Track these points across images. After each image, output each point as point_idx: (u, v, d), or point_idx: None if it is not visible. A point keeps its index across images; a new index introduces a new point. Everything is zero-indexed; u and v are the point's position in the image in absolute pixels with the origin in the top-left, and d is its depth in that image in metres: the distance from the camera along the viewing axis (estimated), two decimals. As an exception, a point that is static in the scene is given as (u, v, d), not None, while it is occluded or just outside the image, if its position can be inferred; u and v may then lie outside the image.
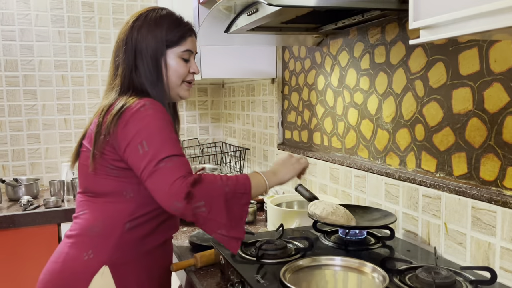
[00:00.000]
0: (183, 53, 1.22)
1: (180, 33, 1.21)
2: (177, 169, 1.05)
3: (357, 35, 1.58)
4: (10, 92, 2.71)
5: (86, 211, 1.18)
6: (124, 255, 1.16)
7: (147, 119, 1.09)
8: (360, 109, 1.58)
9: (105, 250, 1.14)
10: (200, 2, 2.06)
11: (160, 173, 1.04)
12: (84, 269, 1.13)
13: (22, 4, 2.70)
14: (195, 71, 1.27)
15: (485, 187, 1.10)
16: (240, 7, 1.39)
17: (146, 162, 1.06)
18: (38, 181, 2.62)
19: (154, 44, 1.19)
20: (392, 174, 1.40)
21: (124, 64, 1.19)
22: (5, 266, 2.25)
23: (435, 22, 0.73)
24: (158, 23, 1.20)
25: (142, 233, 1.17)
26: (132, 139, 1.08)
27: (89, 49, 2.86)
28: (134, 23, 1.20)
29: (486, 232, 1.09)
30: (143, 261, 1.19)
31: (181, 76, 1.23)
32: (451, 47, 1.18)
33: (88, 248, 1.15)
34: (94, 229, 1.15)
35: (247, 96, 2.65)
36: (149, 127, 1.08)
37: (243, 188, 1.11)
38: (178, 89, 1.24)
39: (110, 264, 1.14)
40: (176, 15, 1.25)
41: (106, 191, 1.16)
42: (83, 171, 1.19)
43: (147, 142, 1.07)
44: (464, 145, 1.15)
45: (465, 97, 1.14)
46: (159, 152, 1.06)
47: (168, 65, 1.21)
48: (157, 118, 1.10)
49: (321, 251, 1.23)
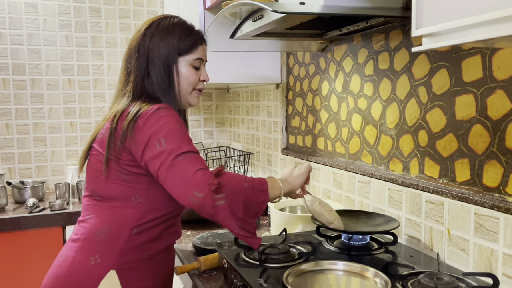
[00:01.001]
0: (194, 61, 1.24)
1: (192, 42, 1.24)
2: (196, 162, 1.07)
3: (361, 41, 1.59)
4: (18, 96, 2.74)
5: (92, 215, 1.18)
6: (131, 260, 1.16)
7: (164, 120, 1.12)
8: (364, 115, 1.59)
9: (112, 255, 1.14)
10: (206, 8, 2.08)
11: (179, 165, 1.06)
12: (91, 273, 1.13)
13: (31, 9, 2.74)
14: (205, 79, 1.29)
15: (488, 193, 1.11)
16: (245, 13, 1.40)
17: (165, 156, 1.07)
18: (44, 184, 2.64)
19: (166, 52, 1.21)
20: (396, 179, 1.40)
21: (137, 71, 1.21)
22: (10, 268, 2.27)
23: (437, 30, 0.74)
24: (170, 31, 1.22)
25: (148, 238, 1.18)
26: (150, 138, 1.10)
27: (96, 54, 2.89)
28: (147, 30, 1.22)
29: (488, 239, 1.09)
30: (148, 266, 1.19)
31: (192, 84, 1.25)
32: (454, 54, 1.19)
33: (95, 252, 1.14)
34: (101, 233, 1.15)
35: (251, 101, 2.67)
36: (166, 126, 1.11)
37: (261, 186, 1.13)
38: (188, 96, 1.26)
39: (117, 269, 1.14)
40: (188, 23, 1.27)
41: (114, 196, 1.16)
42: (92, 174, 1.20)
43: (165, 139, 1.09)
44: (467, 152, 1.16)
45: (468, 103, 1.15)
46: (178, 148, 1.08)
47: (180, 72, 1.23)
48: (173, 119, 1.13)
49: (324, 256, 1.24)
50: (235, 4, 1.30)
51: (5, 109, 2.72)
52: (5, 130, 2.73)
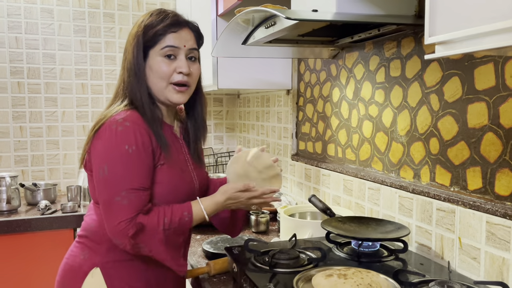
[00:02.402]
0: (164, 50, 1.14)
1: (157, 28, 1.14)
2: (127, 209, 1.09)
3: (372, 48, 1.59)
4: (32, 99, 2.79)
5: (91, 213, 1.25)
6: (116, 260, 1.19)
7: (116, 140, 1.09)
8: (375, 122, 1.59)
9: (97, 253, 1.19)
10: (218, 15, 2.10)
11: (111, 209, 1.10)
12: (80, 267, 1.20)
13: (46, 14, 2.79)
14: (182, 70, 1.15)
15: (500, 202, 1.10)
16: (258, 20, 1.42)
17: (103, 189, 1.11)
18: (56, 186, 2.67)
19: (134, 44, 1.15)
20: (406, 187, 1.40)
21: (121, 70, 1.22)
22: (22, 269, 2.29)
23: (450, 38, 0.75)
24: (142, 24, 1.16)
25: None
26: (97, 159, 1.12)
27: (109, 58, 2.93)
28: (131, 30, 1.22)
29: (500, 247, 1.09)
30: (135, 264, 1.19)
31: (164, 77, 1.15)
32: (466, 62, 1.19)
33: (85, 249, 1.21)
34: (90, 232, 1.22)
35: (262, 107, 2.68)
36: (114, 151, 1.09)
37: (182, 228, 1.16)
38: (163, 92, 1.17)
39: (101, 267, 1.18)
40: (166, 12, 1.18)
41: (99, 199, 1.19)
42: (88, 179, 1.25)
43: (108, 167, 1.10)
44: (479, 160, 1.16)
45: (481, 111, 1.15)
46: (117, 184, 1.09)
47: (150, 65, 1.15)
48: (126, 140, 1.09)
49: (334, 262, 1.24)
50: (248, 11, 1.31)
51: (19, 112, 2.77)
52: (19, 132, 2.77)
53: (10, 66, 2.73)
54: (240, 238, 1.67)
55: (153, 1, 2.99)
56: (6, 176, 2.37)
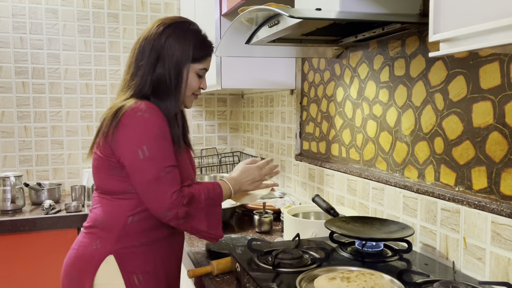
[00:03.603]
0: (200, 70, 1.32)
1: (204, 53, 1.31)
2: (174, 182, 1.20)
3: (377, 47, 1.59)
4: (37, 99, 2.80)
5: (97, 205, 1.30)
6: (128, 246, 1.24)
7: (149, 124, 1.19)
8: (379, 121, 1.58)
9: (109, 241, 1.24)
10: (222, 14, 2.10)
11: (160, 183, 1.18)
12: (92, 257, 1.24)
13: (51, 15, 2.80)
14: (203, 87, 1.38)
15: (505, 202, 1.09)
16: (261, 19, 1.41)
17: (147, 169, 1.18)
18: (60, 186, 2.68)
19: (180, 55, 1.26)
20: (411, 187, 1.39)
21: (146, 67, 1.26)
22: (26, 268, 2.30)
23: (455, 35, 0.74)
24: (187, 36, 1.28)
25: (145, 226, 1.26)
26: (132, 142, 1.18)
27: (113, 59, 2.94)
28: (165, 29, 1.26)
29: (506, 248, 1.08)
30: (149, 252, 1.27)
31: (193, 90, 1.33)
32: (471, 61, 1.18)
33: (97, 239, 1.26)
34: (101, 222, 1.26)
35: (265, 107, 2.67)
36: (150, 133, 1.19)
37: (218, 199, 1.32)
38: (186, 99, 1.35)
39: (115, 254, 1.24)
40: (203, 33, 1.34)
41: (111, 190, 1.26)
42: (94, 171, 1.29)
43: (148, 148, 1.18)
44: (485, 159, 1.15)
45: (486, 110, 1.14)
46: (160, 162, 1.18)
47: (186, 77, 1.29)
48: (158, 125, 1.20)
49: (337, 262, 1.23)
50: (251, 10, 1.31)
51: (24, 112, 2.78)
52: (23, 132, 2.78)
53: (15, 66, 2.74)
54: (244, 238, 1.67)
55: (157, 1, 3.00)
56: (10, 175, 2.38)
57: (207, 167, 3.03)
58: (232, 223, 2.00)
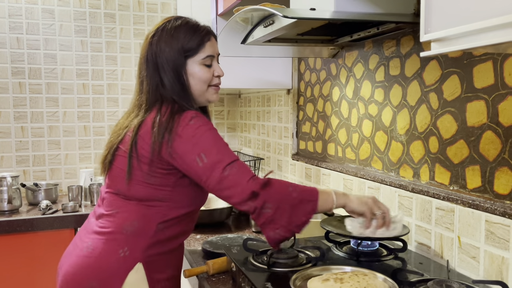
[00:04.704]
0: (204, 60, 1.24)
1: (197, 41, 1.23)
2: (244, 171, 1.13)
3: (372, 47, 1.59)
4: (33, 99, 2.80)
5: (119, 210, 1.21)
6: (155, 253, 1.22)
7: (201, 130, 1.15)
8: (375, 121, 1.59)
9: (139, 248, 1.19)
10: (218, 14, 2.11)
11: (230, 178, 1.11)
12: (120, 265, 1.17)
13: (47, 15, 2.79)
14: (219, 74, 1.28)
15: (499, 200, 1.09)
16: (256, 19, 1.42)
17: (209, 172, 1.12)
18: (57, 186, 2.68)
19: (173, 56, 1.21)
20: (406, 186, 1.40)
21: (148, 79, 1.22)
22: (23, 268, 2.30)
23: (446, 35, 0.74)
24: (174, 34, 1.22)
25: (172, 234, 1.24)
26: (190, 152, 1.13)
27: (110, 59, 2.94)
28: (152, 38, 1.23)
29: (499, 246, 1.08)
30: (169, 258, 1.26)
31: (206, 82, 1.25)
32: (465, 60, 1.18)
33: (124, 245, 1.18)
34: (129, 227, 1.19)
35: (262, 107, 2.68)
36: (204, 139, 1.14)
37: (310, 195, 1.14)
38: (206, 94, 1.27)
39: (144, 262, 1.19)
40: (192, 22, 1.26)
41: (140, 196, 1.19)
42: (119, 174, 1.21)
43: (205, 154, 1.13)
44: (478, 158, 1.15)
45: (480, 110, 1.14)
46: (220, 161, 1.13)
47: (191, 73, 1.23)
48: (207, 128, 1.16)
49: (333, 261, 1.24)
50: (246, 10, 1.31)
51: (20, 113, 2.78)
52: (20, 133, 2.78)
53: (11, 67, 2.74)
54: (240, 237, 1.67)
55: (154, 1, 3.00)
56: (7, 176, 2.38)
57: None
58: (228, 222, 2.00)
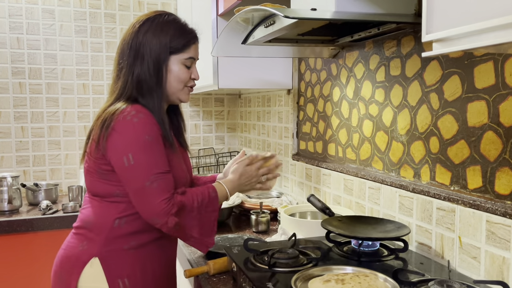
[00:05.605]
0: (186, 60, 1.27)
1: (185, 41, 1.26)
2: (162, 190, 1.17)
3: (373, 47, 1.59)
4: (34, 99, 2.80)
5: (86, 206, 1.29)
6: (114, 249, 1.23)
7: (138, 129, 1.16)
8: (375, 121, 1.59)
9: (95, 243, 1.23)
10: (218, 14, 2.10)
11: (146, 192, 1.16)
12: (78, 257, 1.23)
13: (48, 15, 2.79)
14: (195, 77, 1.32)
15: (500, 201, 1.09)
16: (257, 19, 1.42)
17: (132, 177, 1.16)
18: (57, 186, 2.68)
19: (158, 49, 1.23)
20: (406, 186, 1.40)
21: (127, 67, 1.24)
22: (23, 268, 2.30)
23: (447, 35, 0.74)
24: (164, 28, 1.24)
25: (131, 230, 1.24)
26: (118, 150, 1.16)
27: (110, 59, 2.93)
28: (141, 27, 1.24)
29: (500, 247, 1.08)
30: (136, 255, 1.25)
31: (183, 82, 1.28)
32: (466, 61, 1.18)
33: (84, 240, 1.25)
34: (88, 223, 1.26)
35: (263, 107, 2.68)
36: (138, 139, 1.16)
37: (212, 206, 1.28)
38: (179, 93, 1.30)
39: (100, 256, 1.22)
40: (182, 22, 1.29)
41: (100, 192, 1.25)
42: (85, 173, 1.29)
43: (133, 155, 1.16)
44: (479, 159, 1.15)
45: (480, 110, 1.14)
46: (145, 170, 1.16)
47: (170, 70, 1.25)
48: (147, 129, 1.17)
49: (333, 261, 1.24)
50: (247, 10, 1.31)
51: (21, 113, 2.78)
52: (20, 133, 2.78)
53: (11, 67, 2.74)
54: (241, 237, 1.67)
55: (154, 1, 3.00)
56: (7, 176, 2.38)
57: (204, 167, 3.04)
58: (229, 223, 2.00)
